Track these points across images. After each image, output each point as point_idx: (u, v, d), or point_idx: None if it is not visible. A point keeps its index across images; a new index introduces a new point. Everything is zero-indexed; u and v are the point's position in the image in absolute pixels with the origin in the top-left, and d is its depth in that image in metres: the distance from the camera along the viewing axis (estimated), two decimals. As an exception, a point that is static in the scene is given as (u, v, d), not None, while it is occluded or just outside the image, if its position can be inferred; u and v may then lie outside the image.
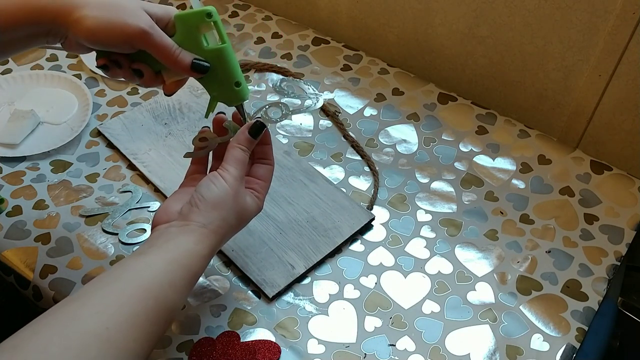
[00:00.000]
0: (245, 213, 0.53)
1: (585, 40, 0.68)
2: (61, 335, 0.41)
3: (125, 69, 0.53)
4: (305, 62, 0.86)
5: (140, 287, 0.45)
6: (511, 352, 0.57)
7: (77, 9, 0.49)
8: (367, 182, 0.71)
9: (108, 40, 0.49)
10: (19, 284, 0.63)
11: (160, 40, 0.50)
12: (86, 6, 0.49)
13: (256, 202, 0.54)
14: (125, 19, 0.49)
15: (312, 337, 0.58)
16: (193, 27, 0.52)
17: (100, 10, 0.49)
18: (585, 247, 0.65)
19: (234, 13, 0.94)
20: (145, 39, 0.50)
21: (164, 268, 0.47)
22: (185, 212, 0.51)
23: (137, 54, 0.52)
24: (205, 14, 0.51)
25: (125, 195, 0.69)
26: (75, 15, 0.48)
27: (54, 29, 0.50)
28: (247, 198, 0.53)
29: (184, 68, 0.52)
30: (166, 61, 0.51)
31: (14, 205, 0.68)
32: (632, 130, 0.71)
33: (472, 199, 0.69)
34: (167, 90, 0.56)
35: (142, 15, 0.50)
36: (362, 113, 0.79)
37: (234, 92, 0.55)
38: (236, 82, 0.54)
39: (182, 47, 0.52)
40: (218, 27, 0.52)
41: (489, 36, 0.76)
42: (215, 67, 0.53)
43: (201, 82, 0.55)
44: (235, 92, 0.55)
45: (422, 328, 0.58)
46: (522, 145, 0.75)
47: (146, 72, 0.53)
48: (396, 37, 0.85)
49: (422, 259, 0.64)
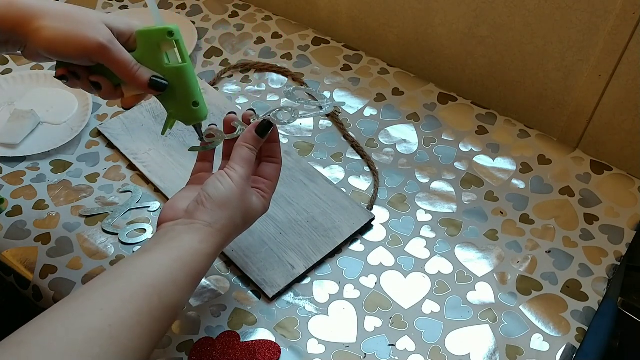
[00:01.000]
0: (251, 213, 0.53)
1: (585, 40, 0.68)
2: (65, 331, 0.41)
3: (83, 80, 0.53)
4: (305, 62, 0.86)
5: (145, 285, 0.45)
6: (511, 352, 0.57)
7: (36, 19, 0.48)
8: (367, 182, 0.71)
9: (66, 52, 0.49)
10: (19, 284, 0.63)
11: (119, 55, 0.50)
12: (46, 16, 0.48)
13: (262, 202, 0.55)
14: (84, 31, 0.49)
15: (312, 337, 0.58)
16: (154, 43, 0.52)
17: (59, 22, 0.49)
18: (585, 247, 0.65)
19: (234, 13, 0.94)
20: (103, 53, 0.50)
21: (168, 266, 0.47)
22: (191, 210, 0.51)
23: (97, 67, 0.52)
24: (167, 32, 0.52)
25: (125, 195, 0.69)
26: (34, 25, 0.48)
27: (13, 37, 0.49)
28: (254, 198, 0.54)
29: (141, 84, 0.52)
30: (124, 76, 0.52)
31: (14, 205, 0.68)
32: (632, 130, 0.71)
33: (472, 199, 0.69)
34: (125, 104, 0.56)
35: (101, 28, 0.49)
36: (362, 113, 0.79)
37: (191, 112, 0.55)
38: (194, 102, 0.55)
39: (142, 63, 0.52)
40: (179, 46, 0.53)
41: (489, 36, 0.76)
42: (174, 85, 0.53)
43: (159, 99, 0.55)
44: (192, 111, 0.55)
45: (422, 328, 0.58)
46: (522, 145, 0.75)
47: (104, 84, 0.53)
48: (396, 37, 0.85)
49: (422, 259, 0.64)
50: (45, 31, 0.48)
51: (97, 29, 0.49)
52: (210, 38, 0.89)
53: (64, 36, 0.48)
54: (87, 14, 0.50)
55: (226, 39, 0.89)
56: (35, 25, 0.48)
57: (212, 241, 0.50)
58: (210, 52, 0.87)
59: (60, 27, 0.48)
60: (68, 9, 0.49)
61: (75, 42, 0.49)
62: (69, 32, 0.48)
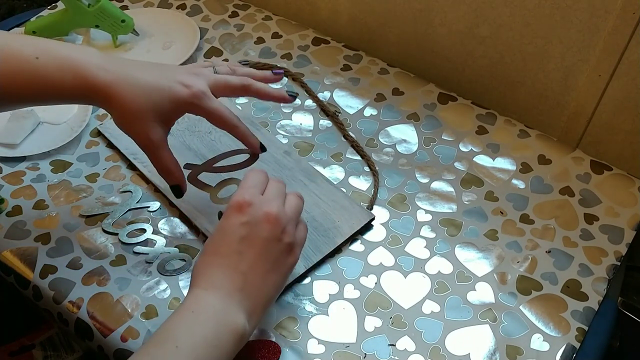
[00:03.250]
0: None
1: (585, 40, 0.68)
2: None
3: None
4: (305, 62, 0.86)
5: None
6: (511, 352, 0.57)
7: (104, 103, 0.56)
8: (367, 182, 0.71)
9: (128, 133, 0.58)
10: (19, 284, 0.63)
11: (161, 154, 0.59)
12: (111, 104, 0.55)
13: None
14: (139, 127, 0.57)
15: (312, 337, 0.58)
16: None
17: (120, 117, 0.56)
18: (585, 247, 0.65)
19: (234, 13, 0.94)
20: (150, 147, 0.58)
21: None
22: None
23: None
24: None
25: (125, 195, 0.69)
26: (105, 106, 0.56)
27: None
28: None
29: (167, 182, 0.62)
30: (152, 163, 0.60)
31: (14, 205, 0.68)
32: (632, 130, 0.71)
33: (472, 199, 0.69)
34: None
35: (153, 127, 0.57)
36: (362, 113, 0.79)
37: (122, 27, 0.85)
38: (122, 20, 0.84)
39: (73, 19, 0.83)
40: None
41: (489, 36, 0.76)
42: (104, 16, 0.83)
43: (103, 29, 0.85)
44: (124, 26, 0.85)
45: (422, 328, 0.58)
46: (522, 145, 0.75)
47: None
48: (396, 37, 0.86)
49: (422, 259, 0.64)
50: (115, 121, 0.57)
51: (150, 127, 0.57)
52: (210, 38, 0.89)
53: (125, 129, 0.58)
54: (142, 112, 0.56)
55: (226, 39, 0.89)
56: (106, 107, 0.56)
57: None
58: (210, 52, 0.87)
59: (120, 122, 0.57)
60: (129, 103, 0.55)
61: (132, 135, 0.58)
62: (127, 128, 0.57)
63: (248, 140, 0.63)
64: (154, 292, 0.61)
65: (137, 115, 0.55)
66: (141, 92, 0.55)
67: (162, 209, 0.68)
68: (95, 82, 0.54)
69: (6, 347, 0.84)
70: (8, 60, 0.52)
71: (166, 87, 0.57)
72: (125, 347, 0.57)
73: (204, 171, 0.66)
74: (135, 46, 0.88)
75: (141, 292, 0.60)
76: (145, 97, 0.55)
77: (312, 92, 0.81)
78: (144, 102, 0.55)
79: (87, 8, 0.82)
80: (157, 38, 0.89)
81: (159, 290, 0.61)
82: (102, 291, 0.61)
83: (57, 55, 0.54)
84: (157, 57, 0.85)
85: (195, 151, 0.72)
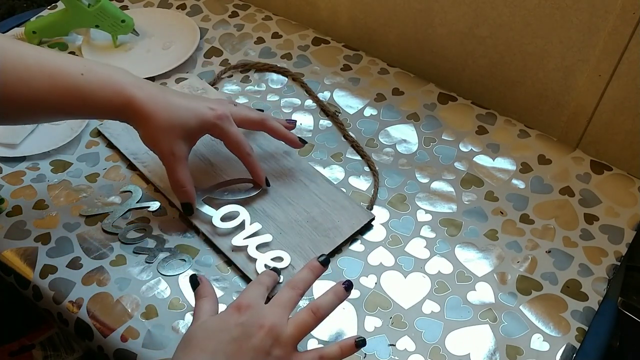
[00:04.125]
0: None
1: (585, 40, 0.68)
2: None
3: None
4: (305, 62, 0.86)
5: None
6: (511, 352, 0.57)
7: (133, 121, 0.61)
8: (367, 182, 0.71)
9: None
10: (19, 284, 0.63)
11: (178, 168, 0.62)
12: (140, 120, 0.60)
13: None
14: (163, 142, 0.61)
15: (312, 337, 0.58)
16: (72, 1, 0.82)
17: (148, 134, 0.61)
18: (585, 247, 0.65)
19: (234, 13, 0.94)
20: (171, 160, 0.62)
21: None
22: None
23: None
24: None
25: (125, 195, 0.69)
26: (134, 124, 0.61)
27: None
28: None
29: (178, 198, 0.65)
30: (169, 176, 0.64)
31: (14, 205, 0.68)
32: (632, 130, 0.71)
33: (472, 199, 0.69)
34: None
35: (177, 144, 0.61)
36: (362, 113, 0.79)
37: (122, 27, 0.85)
38: (122, 20, 0.84)
39: (73, 19, 0.83)
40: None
41: (489, 36, 0.76)
42: (104, 16, 0.83)
43: (102, 29, 0.85)
44: (123, 26, 0.85)
45: (422, 328, 0.58)
46: (522, 145, 0.75)
47: None
48: (396, 37, 0.86)
49: (422, 259, 0.64)
50: (141, 130, 0.62)
51: (175, 143, 0.61)
52: (210, 38, 0.89)
53: (152, 144, 0.62)
54: (169, 129, 0.60)
55: (226, 39, 0.89)
56: (136, 122, 0.61)
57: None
58: (210, 52, 0.87)
59: (148, 136, 0.62)
60: (159, 120, 0.60)
61: (156, 149, 0.62)
62: (154, 143, 0.62)
63: (256, 172, 0.66)
64: (154, 292, 0.61)
65: (165, 132, 0.60)
66: (172, 110, 0.60)
67: (162, 209, 0.68)
68: (132, 99, 0.59)
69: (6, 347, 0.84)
70: (54, 76, 0.57)
71: (195, 108, 0.62)
72: (125, 347, 0.57)
73: (207, 195, 0.67)
74: (135, 46, 0.88)
75: (141, 292, 0.60)
76: (176, 116, 0.60)
77: (312, 92, 0.81)
78: (173, 119, 0.60)
79: (87, 8, 0.83)
80: (157, 38, 0.89)
81: (159, 290, 0.61)
82: (102, 291, 0.61)
83: (99, 72, 0.59)
84: (157, 57, 0.85)
85: (194, 150, 0.72)
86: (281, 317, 0.51)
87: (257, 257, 0.62)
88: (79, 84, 0.57)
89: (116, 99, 0.59)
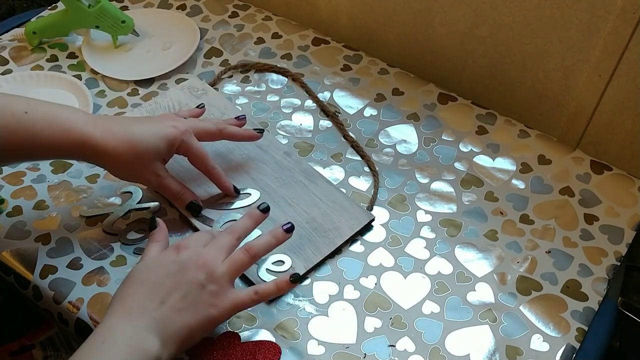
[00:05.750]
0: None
1: (585, 40, 0.68)
2: None
3: None
4: (305, 62, 0.86)
5: None
6: (511, 352, 0.57)
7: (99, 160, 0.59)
8: (367, 183, 0.71)
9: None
10: (19, 284, 0.63)
11: (165, 183, 0.63)
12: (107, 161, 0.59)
13: None
14: (140, 173, 0.61)
15: (312, 338, 0.58)
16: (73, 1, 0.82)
17: (117, 167, 0.61)
18: (585, 247, 0.65)
19: (234, 13, 0.94)
20: (155, 184, 0.63)
21: None
22: None
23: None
24: None
25: (125, 195, 0.69)
26: (99, 163, 0.60)
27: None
28: None
29: (180, 206, 0.66)
30: (169, 198, 0.66)
31: (14, 206, 0.68)
32: (632, 130, 0.71)
33: (472, 199, 0.69)
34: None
35: (156, 166, 0.62)
36: (362, 113, 0.79)
37: (123, 27, 0.85)
38: (122, 21, 0.84)
39: (73, 19, 0.83)
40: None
41: (489, 36, 0.76)
42: (104, 16, 0.83)
43: (102, 29, 0.84)
44: (124, 27, 0.85)
45: (422, 328, 0.58)
46: (522, 145, 0.75)
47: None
48: (396, 37, 0.85)
49: (422, 260, 0.64)
50: (106, 168, 0.62)
51: (151, 167, 0.61)
52: (210, 38, 0.89)
53: (122, 177, 0.63)
54: (137, 160, 0.60)
55: (226, 39, 0.89)
56: (100, 163, 0.60)
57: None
58: (210, 52, 0.87)
59: (115, 173, 0.62)
60: (120, 156, 0.59)
61: (129, 180, 0.64)
62: (124, 177, 0.63)
63: (223, 184, 0.66)
64: (154, 292, 0.61)
65: (133, 164, 0.60)
66: (135, 140, 0.59)
67: (162, 210, 0.68)
68: (86, 138, 0.57)
69: (6, 347, 0.84)
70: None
71: (159, 130, 0.61)
72: (125, 348, 0.57)
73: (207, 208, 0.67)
74: (135, 47, 0.88)
75: (141, 293, 0.60)
76: (142, 145, 0.59)
77: (312, 93, 0.81)
78: (140, 149, 0.59)
79: (88, 8, 0.83)
80: (157, 38, 0.89)
81: (159, 291, 0.61)
82: (102, 291, 0.61)
83: (43, 110, 0.56)
84: (157, 58, 0.85)
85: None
86: (216, 256, 0.54)
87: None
88: (23, 123, 0.55)
89: (67, 139, 0.56)
